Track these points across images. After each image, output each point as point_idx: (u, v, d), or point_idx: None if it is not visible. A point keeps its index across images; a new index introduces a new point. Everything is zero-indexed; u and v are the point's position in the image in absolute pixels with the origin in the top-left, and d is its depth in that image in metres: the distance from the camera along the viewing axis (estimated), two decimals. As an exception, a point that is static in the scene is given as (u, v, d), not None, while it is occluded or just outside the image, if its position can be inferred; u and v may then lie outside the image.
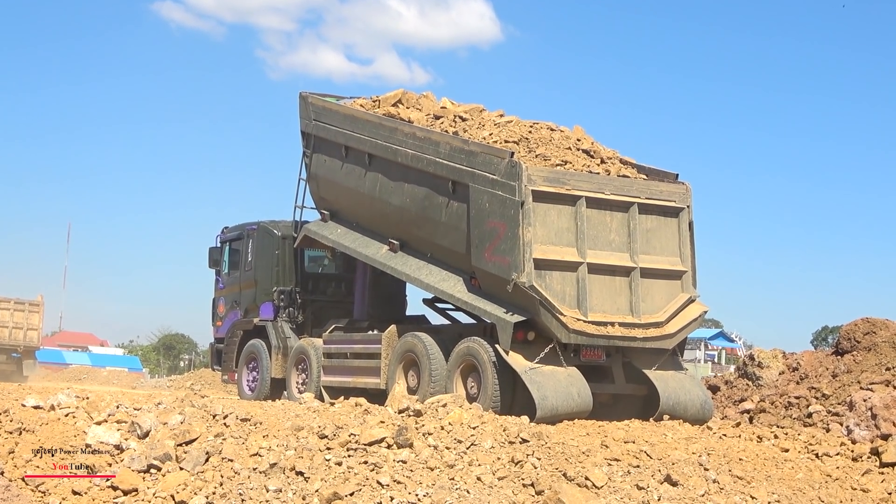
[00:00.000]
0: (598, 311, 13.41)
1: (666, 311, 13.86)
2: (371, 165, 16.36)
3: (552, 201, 13.39)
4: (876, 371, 15.64)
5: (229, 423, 11.24)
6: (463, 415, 11.35)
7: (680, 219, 14.26)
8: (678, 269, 14.11)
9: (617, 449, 10.97)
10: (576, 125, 15.31)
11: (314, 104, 18.00)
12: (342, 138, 17.01)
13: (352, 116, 16.84)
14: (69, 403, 11.82)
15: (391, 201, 15.95)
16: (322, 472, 9.91)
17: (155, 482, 10.08)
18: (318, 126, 17.80)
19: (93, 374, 35.00)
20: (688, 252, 14.20)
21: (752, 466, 11.02)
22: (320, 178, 18.02)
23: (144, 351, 75.33)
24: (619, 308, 13.63)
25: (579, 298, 13.34)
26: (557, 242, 13.38)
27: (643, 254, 13.86)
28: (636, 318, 13.62)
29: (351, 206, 17.38)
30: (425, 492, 9.51)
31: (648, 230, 14.02)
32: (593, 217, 13.65)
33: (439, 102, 16.89)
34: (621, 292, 13.70)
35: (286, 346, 18.12)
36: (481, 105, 16.29)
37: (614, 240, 13.78)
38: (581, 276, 13.38)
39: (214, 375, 27.69)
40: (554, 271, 13.27)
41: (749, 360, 18.41)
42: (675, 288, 14.09)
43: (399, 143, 15.48)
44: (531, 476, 9.93)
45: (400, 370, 15.25)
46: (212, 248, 20.56)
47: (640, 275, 13.75)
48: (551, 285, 13.19)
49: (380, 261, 16.24)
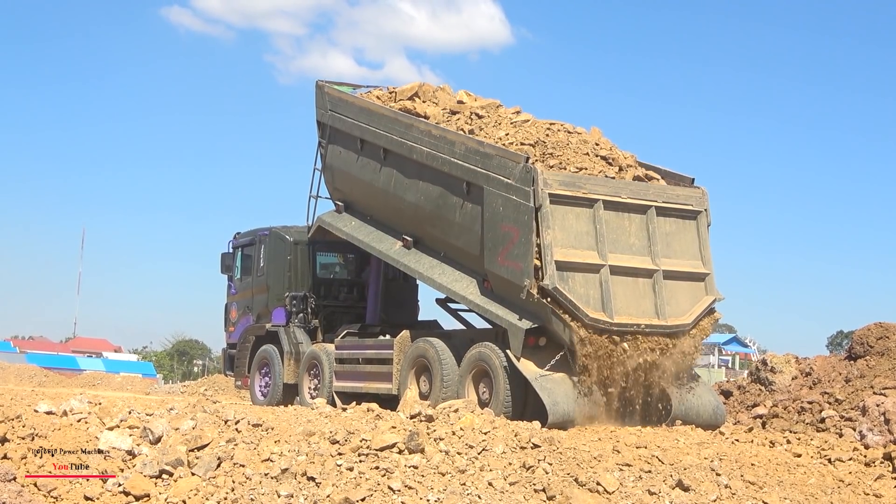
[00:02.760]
0: (624, 314, 13.25)
1: (692, 314, 13.74)
2: (386, 160, 16.32)
3: (570, 204, 13.29)
4: (889, 376, 15.59)
5: (241, 429, 11.26)
6: (474, 420, 11.34)
7: (698, 221, 14.19)
8: (701, 272, 14.01)
9: (629, 454, 10.95)
10: (593, 127, 15.22)
11: (330, 94, 17.94)
12: (358, 131, 16.97)
13: (367, 109, 16.77)
14: (81, 409, 11.85)
15: (406, 198, 15.91)
16: (333, 478, 9.92)
17: (167, 487, 10.10)
18: (333, 117, 17.75)
19: (107, 379, 34.99)
20: (708, 255, 14.11)
21: (765, 471, 10.98)
22: (335, 169, 17.99)
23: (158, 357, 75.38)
24: (645, 311, 13.47)
25: (604, 300, 13.16)
26: (578, 246, 13.26)
27: (664, 257, 13.75)
28: (663, 321, 13.47)
29: (365, 199, 17.35)
30: (437, 497, 9.51)
31: (668, 234, 13.94)
32: (612, 220, 13.56)
33: (456, 95, 16.81)
34: (645, 295, 13.55)
35: (298, 351, 18.14)
36: (498, 101, 16.23)
37: (634, 243, 13.68)
38: (604, 277, 13.24)
39: (228, 381, 27.73)
40: (576, 273, 13.13)
41: (762, 365, 18.35)
42: (699, 290, 13.97)
43: (414, 140, 15.42)
44: (542, 481, 9.92)
45: (412, 375, 15.26)
46: (224, 254, 20.62)
47: (663, 277, 13.63)
48: (574, 288, 13.04)
49: (393, 257, 16.21)
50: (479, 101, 16.31)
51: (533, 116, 15.38)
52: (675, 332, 13.54)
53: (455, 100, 16.60)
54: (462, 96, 16.64)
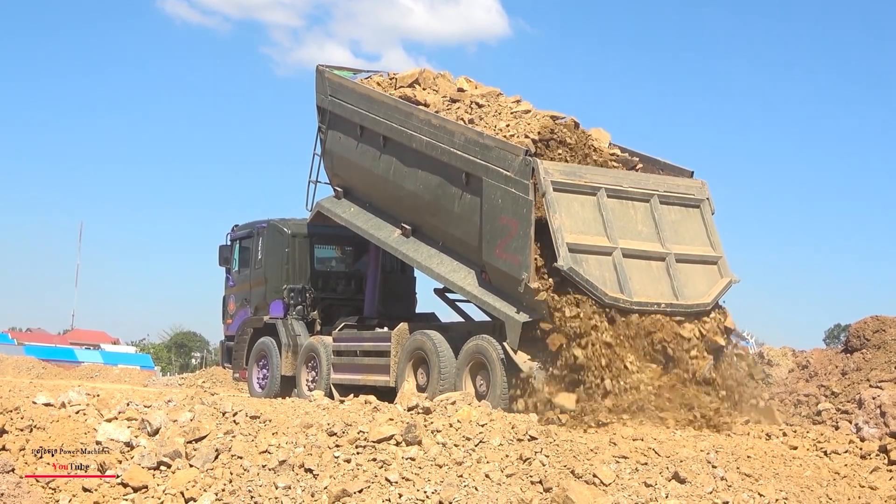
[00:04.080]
0: (642, 295, 13.09)
1: (710, 294, 13.65)
2: (386, 148, 16.30)
3: (573, 192, 13.22)
4: (885, 369, 15.62)
5: (239, 421, 11.29)
6: (472, 412, 11.36)
7: (702, 209, 14.17)
8: (713, 255, 13.95)
9: (625, 446, 10.98)
10: (598, 129, 15.24)
11: (331, 80, 17.89)
12: (357, 117, 16.94)
13: (368, 96, 16.72)
14: (80, 401, 11.88)
15: (405, 186, 15.90)
16: (331, 470, 9.95)
17: (165, 479, 10.14)
18: (333, 102, 17.71)
19: (105, 372, 34.93)
20: (717, 240, 14.03)
21: (761, 464, 11.02)
22: (335, 154, 17.98)
23: (156, 349, 75.32)
24: (663, 293, 13.32)
25: (620, 282, 13.02)
26: (587, 231, 13.15)
27: (674, 243, 13.69)
28: (683, 301, 13.35)
29: (364, 186, 17.33)
30: (434, 489, 9.54)
31: (674, 221, 13.88)
32: (616, 208, 13.50)
33: (456, 83, 16.76)
34: (661, 277, 13.44)
35: (296, 343, 18.16)
36: (498, 89, 16.21)
37: (642, 230, 13.62)
38: (617, 260, 13.10)
39: (226, 373, 27.72)
40: (589, 256, 12.97)
41: (759, 357, 18.37)
42: (714, 273, 13.88)
43: (414, 129, 15.37)
44: (539, 473, 9.95)
45: (409, 368, 15.27)
46: (222, 247, 20.62)
47: (676, 260, 13.54)
48: (590, 270, 12.87)
49: (391, 245, 16.21)
50: (479, 89, 16.28)
51: (533, 107, 15.37)
52: (696, 311, 13.51)
53: (455, 87, 16.54)
54: (462, 83, 16.57)
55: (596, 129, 15.24)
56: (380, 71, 18.21)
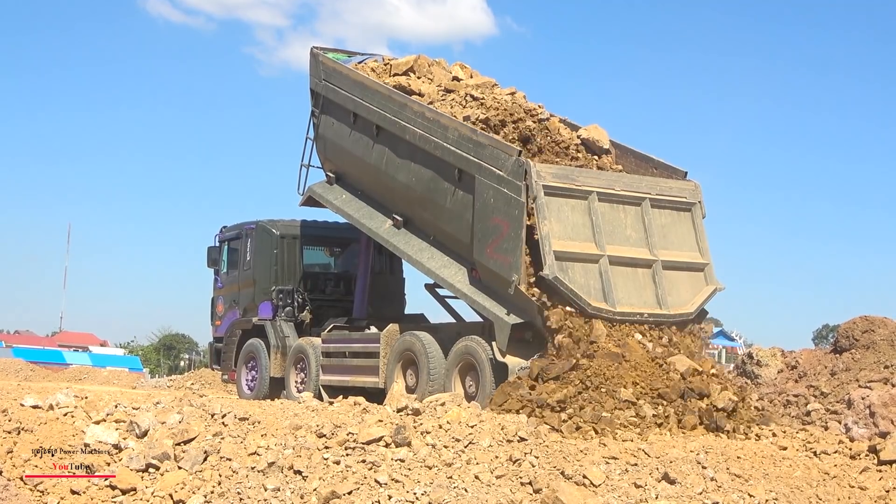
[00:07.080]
0: (626, 304, 13.16)
1: (694, 304, 13.71)
2: (379, 137, 16.19)
3: (564, 195, 13.23)
4: (874, 369, 15.63)
5: (227, 423, 11.25)
6: (461, 413, 11.34)
7: (693, 213, 14.20)
8: (699, 262, 13.99)
9: (615, 447, 10.97)
10: (595, 126, 15.25)
11: (325, 64, 17.75)
12: (351, 104, 16.82)
13: (362, 84, 16.56)
14: (68, 403, 11.82)
15: (397, 177, 15.81)
16: (320, 471, 9.92)
17: (153, 481, 10.09)
18: (327, 87, 17.57)
19: (93, 374, 34.82)
20: (706, 245, 14.09)
21: (750, 464, 11.02)
22: (327, 139, 17.87)
23: (145, 351, 75.20)
24: (646, 301, 13.40)
25: (605, 291, 13.07)
26: (575, 237, 13.17)
27: (662, 248, 13.72)
28: (665, 311, 13.42)
29: (357, 174, 17.25)
30: (423, 490, 9.52)
31: (664, 225, 13.92)
32: (607, 212, 13.51)
33: (451, 70, 16.68)
34: (646, 285, 13.50)
35: (285, 345, 18.14)
36: (493, 79, 16.17)
37: (631, 235, 13.65)
38: (603, 268, 13.15)
39: (215, 375, 27.70)
40: (575, 263, 13.02)
41: (748, 358, 18.39)
42: (699, 280, 13.94)
43: (408, 121, 15.26)
44: (529, 474, 9.93)
45: (398, 369, 15.27)
46: (210, 248, 20.61)
47: (662, 267, 13.58)
48: (575, 278, 12.92)
49: (382, 236, 16.13)
50: (475, 79, 16.21)
51: (526, 97, 15.42)
52: (678, 321, 13.54)
53: (450, 75, 16.46)
54: (457, 71, 16.50)
55: (593, 126, 15.25)
56: (375, 55, 18.11)
